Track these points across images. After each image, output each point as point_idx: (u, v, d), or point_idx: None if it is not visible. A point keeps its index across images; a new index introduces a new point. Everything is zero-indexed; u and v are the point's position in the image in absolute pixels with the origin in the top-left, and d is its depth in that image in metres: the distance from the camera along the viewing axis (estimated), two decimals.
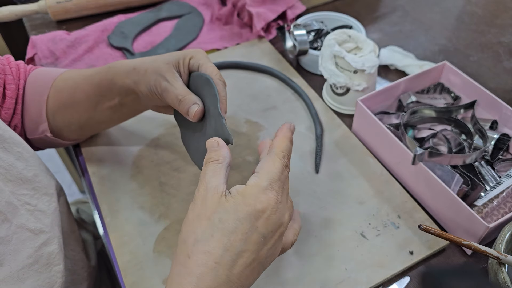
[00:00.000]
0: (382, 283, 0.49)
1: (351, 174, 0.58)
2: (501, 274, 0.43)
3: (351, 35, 0.66)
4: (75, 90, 0.54)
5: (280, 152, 0.39)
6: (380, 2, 0.89)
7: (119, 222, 0.54)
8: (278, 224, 0.36)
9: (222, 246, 0.34)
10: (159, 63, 0.47)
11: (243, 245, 0.34)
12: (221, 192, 0.36)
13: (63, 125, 0.56)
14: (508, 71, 0.75)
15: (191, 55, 0.48)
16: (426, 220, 0.53)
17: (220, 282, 0.33)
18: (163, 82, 0.46)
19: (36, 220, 0.44)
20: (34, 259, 0.43)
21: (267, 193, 0.35)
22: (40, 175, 0.48)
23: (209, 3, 0.87)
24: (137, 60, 0.50)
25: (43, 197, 0.47)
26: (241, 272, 0.34)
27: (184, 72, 0.48)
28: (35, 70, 0.58)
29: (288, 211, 0.38)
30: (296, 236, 0.43)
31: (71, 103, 0.54)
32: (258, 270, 0.37)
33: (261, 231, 0.35)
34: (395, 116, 0.63)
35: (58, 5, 0.81)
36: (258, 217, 0.35)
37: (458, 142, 0.59)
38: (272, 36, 0.80)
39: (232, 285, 0.34)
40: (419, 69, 0.71)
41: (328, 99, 0.68)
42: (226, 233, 0.34)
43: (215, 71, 0.46)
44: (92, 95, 0.53)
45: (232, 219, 0.34)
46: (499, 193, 0.52)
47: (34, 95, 0.55)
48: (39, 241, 0.44)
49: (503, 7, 0.88)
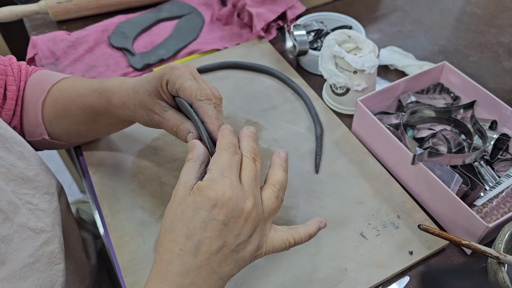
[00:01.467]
0: (381, 283, 0.49)
1: (351, 174, 0.58)
2: (500, 273, 0.43)
3: (351, 35, 0.66)
4: (70, 104, 0.53)
5: (223, 145, 0.40)
6: (380, 2, 0.90)
7: (120, 222, 0.54)
8: (238, 210, 0.37)
9: (184, 234, 0.37)
10: (142, 96, 0.46)
11: (202, 233, 0.36)
12: (189, 187, 0.38)
13: (61, 132, 0.56)
14: (507, 71, 0.75)
15: (166, 79, 0.45)
16: (425, 220, 0.53)
17: (187, 267, 0.36)
18: (154, 116, 0.47)
19: (37, 219, 0.45)
20: (35, 258, 0.43)
21: (219, 182, 0.37)
22: (41, 174, 0.48)
23: (209, 3, 0.87)
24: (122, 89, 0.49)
25: (44, 196, 0.47)
26: (208, 258, 0.36)
27: (169, 98, 0.46)
28: (36, 72, 0.58)
29: (252, 197, 0.38)
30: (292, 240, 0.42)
31: (67, 115, 0.54)
32: (234, 258, 0.38)
33: (219, 218, 0.36)
34: (394, 116, 0.63)
35: (58, 5, 0.81)
36: (214, 205, 0.36)
37: (457, 142, 0.59)
38: (272, 36, 0.80)
39: (202, 270, 0.36)
40: (418, 69, 0.71)
41: (328, 99, 0.68)
42: (186, 222, 0.37)
43: (194, 92, 0.43)
44: (88, 113, 0.53)
45: (191, 209, 0.37)
46: (498, 193, 0.52)
47: (32, 98, 0.55)
48: (40, 240, 0.44)
49: (503, 7, 0.88)
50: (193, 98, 0.44)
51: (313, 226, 0.44)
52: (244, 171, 0.40)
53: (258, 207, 0.39)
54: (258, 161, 0.41)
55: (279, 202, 0.41)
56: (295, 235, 0.42)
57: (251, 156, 0.41)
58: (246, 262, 0.39)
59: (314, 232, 0.43)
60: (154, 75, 0.46)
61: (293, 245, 0.42)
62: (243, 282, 0.48)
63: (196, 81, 0.45)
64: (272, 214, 0.41)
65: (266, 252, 0.41)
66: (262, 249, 0.40)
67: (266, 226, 0.41)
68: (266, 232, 0.41)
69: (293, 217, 0.54)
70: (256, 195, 0.39)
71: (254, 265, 0.50)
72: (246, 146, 0.41)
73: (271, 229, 0.41)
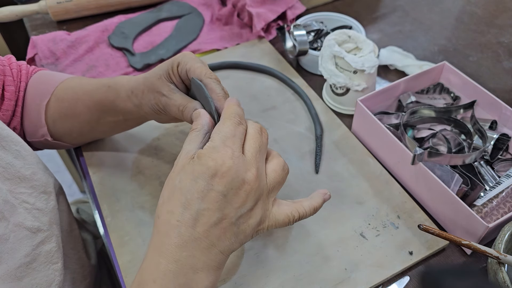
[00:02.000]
0: (381, 283, 0.49)
1: (351, 174, 0.58)
2: (500, 274, 0.43)
3: (351, 35, 0.66)
4: (76, 102, 0.53)
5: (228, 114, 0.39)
6: (380, 2, 0.90)
7: (120, 222, 0.54)
8: (238, 181, 0.36)
9: (181, 204, 0.35)
10: (152, 80, 0.47)
11: (200, 203, 0.35)
12: (191, 156, 0.37)
13: (63, 132, 0.56)
14: (507, 71, 0.75)
15: (178, 61, 0.46)
16: (425, 220, 0.53)
17: (185, 239, 0.35)
18: (162, 98, 0.46)
19: (34, 219, 0.44)
20: (32, 258, 0.43)
21: (220, 150, 0.36)
22: (38, 173, 0.48)
23: (209, 3, 0.87)
24: (132, 80, 0.50)
25: (41, 195, 0.47)
26: (207, 231, 0.35)
27: (178, 81, 0.47)
28: (38, 73, 0.58)
29: (255, 168, 0.37)
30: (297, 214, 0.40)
31: (72, 114, 0.54)
32: (234, 232, 0.37)
33: (218, 188, 0.35)
34: (394, 116, 0.63)
35: (58, 5, 0.81)
36: (213, 175, 0.35)
37: (457, 142, 0.59)
38: (272, 36, 0.80)
39: (201, 243, 0.35)
40: (418, 69, 0.71)
41: (328, 99, 0.68)
42: (183, 192, 0.36)
43: (204, 71, 0.45)
44: (94, 111, 0.53)
45: (189, 179, 0.36)
46: (498, 193, 0.52)
47: (35, 99, 0.55)
48: (37, 239, 0.44)
49: (503, 7, 0.88)
50: (202, 76, 0.44)
51: (317, 199, 0.43)
52: (248, 141, 0.38)
53: (261, 179, 0.38)
54: (265, 133, 0.40)
55: (285, 174, 0.40)
56: (299, 209, 0.41)
57: (258, 128, 0.40)
58: (248, 236, 0.38)
59: (319, 205, 0.42)
60: (166, 61, 0.47)
61: (297, 219, 0.41)
62: (243, 282, 0.48)
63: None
64: (276, 187, 0.39)
65: (268, 227, 0.39)
66: (264, 223, 0.39)
67: (269, 200, 0.39)
68: (268, 206, 0.39)
69: None
70: (260, 168, 0.38)
71: (254, 265, 0.50)
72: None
73: (275, 203, 0.40)
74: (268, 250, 0.51)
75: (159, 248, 0.36)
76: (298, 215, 0.41)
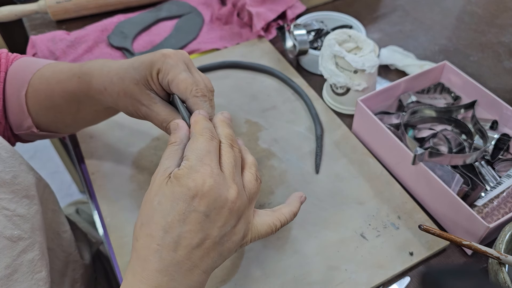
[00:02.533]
0: (382, 284, 0.49)
1: (351, 174, 0.58)
2: (501, 274, 0.43)
3: (351, 35, 0.66)
4: (52, 93, 0.49)
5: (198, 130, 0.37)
6: (380, 2, 0.89)
7: (119, 223, 0.54)
8: (221, 200, 0.35)
9: (161, 228, 0.34)
10: (128, 84, 0.42)
11: (182, 226, 0.34)
12: (168, 175, 0.35)
13: (48, 123, 0.53)
14: (508, 71, 0.75)
15: (158, 68, 0.41)
16: (426, 220, 0.53)
17: (167, 264, 0.34)
18: (141, 107, 0.43)
19: (14, 227, 0.41)
20: (13, 269, 0.40)
21: (199, 170, 0.34)
22: (20, 176, 0.44)
23: (209, 3, 0.87)
24: (104, 72, 0.44)
25: (23, 200, 0.43)
26: (189, 253, 0.34)
27: (158, 89, 0.42)
28: (16, 61, 0.53)
29: (235, 184, 0.36)
30: (278, 222, 0.40)
31: (51, 105, 0.50)
32: (218, 251, 0.36)
33: (200, 209, 0.34)
34: (395, 116, 0.63)
35: (57, 5, 0.81)
36: (194, 196, 0.34)
37: (458, 142, 0.59)
38: (272, 36, 0.80)
39: (183, 265, 0.34)
40: (419, 69, 0.71)
41: (328, 99, 0.68)
42: (163, 215, 0.34)
43: (189, 87, 0.40)
44: (70, 101, 0.49)
45: (169, 201, 0.34)
46: (499, 193, 0.52)
47: (14, 90, 0.51)
48: (18, 248, 0.41)
49: (503, 7, 0.88)
50: (188, 93, 0.40)
51: (295, 203, 0.42)
52: (223, 157, 0.37)
53: (242, 195, 0.37)
54: (236, 147, 0.38)
55: (258, 184, 0.39)
56: (280, 218, 0.40)
57: (228, 142, 0.38)
58: (232, 252, 0.37)
59: (297, 209, 0.42)
60: (143, 61, 0.42)
61: (279, 228, 0.40)
62: (243, 283, 0.48)
63: (189, 70, 0.42)
64: (254, 198, 0.39)
65: (251, 240, 0.39)
66: (247, 237, 0.38)
67: (249, 213, 0.38)
68: (250, 219, 0.38)
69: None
70: (238, 183, 0.37)
71: (254, 265, 0.49)
72: (222, 132, 0.38)
73: (255, 214, 0.39)
74: (268, 250, 0.51)
75: (140, 274, 0.34)
76: (280, 223, 0.40)
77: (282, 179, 0.58)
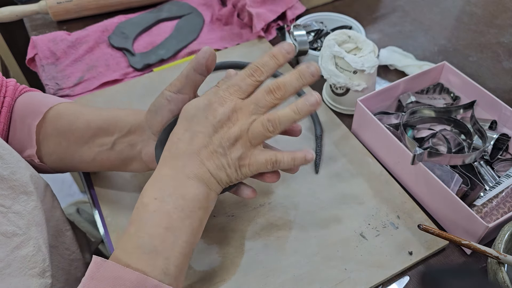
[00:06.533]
0: (381, 283, 0.49)
1: (351, 174, 0.58)
2: (500, 273, 0.43)
3: (350, 35, 0.66)
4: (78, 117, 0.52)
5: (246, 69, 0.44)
6: (380, 2, 0.90)
7: (120, 222, 0.54)
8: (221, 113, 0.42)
9: (183, 127, 0.44)
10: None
11: (197, 127, 0.43)
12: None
13: (45, 152, 0.53)
14: (507, 71, 0.75)
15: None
16: (425, 220, 0.53)
17: (181, 152, 0.43)
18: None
19: (9, 223, 0.42)
20: (6, 263, 0.41)
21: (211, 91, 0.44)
22: (18, 172, 0.45)
23: (209, 3, 0.87)
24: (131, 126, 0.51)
25: (20, 196, 0.44)
26: (199, 150, 0.42)
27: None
28: (31, 92, 0.55)
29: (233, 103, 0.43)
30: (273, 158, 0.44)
31: (67, 129, 0.52)
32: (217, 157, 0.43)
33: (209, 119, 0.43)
34: (394, 116, 0.63)
35: (58, 5, 0.81)
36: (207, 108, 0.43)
37: (457, 142, 0.59)
38: (272, 36, 0.80)
39: (196, 158, 0.42)
40: (418, 69, 0.71)
41: (328, 99, 0.68)
42: (187, 118, 0.44)
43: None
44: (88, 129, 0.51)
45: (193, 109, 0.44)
46: (498, 193, 0.52)
47: (25, 118, 0.52)
48: (12, 244, 0.42)
49: (503, 7, 0.88)
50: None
51: (299, 152, 0.44)
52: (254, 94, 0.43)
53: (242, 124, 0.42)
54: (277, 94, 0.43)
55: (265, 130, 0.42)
56: (277, 154, 0.44)
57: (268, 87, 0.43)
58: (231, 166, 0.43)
59: (299, 157, 0.44)
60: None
61: (274, 162, 0.43)
62: (243, 282, 0.48)
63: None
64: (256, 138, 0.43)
65: (250, 164, 0.43)
66: (245, 160, 0.43)
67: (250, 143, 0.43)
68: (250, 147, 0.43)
69: (293, 217, 0.54)
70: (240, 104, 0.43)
71: (254, 265, 0.50)
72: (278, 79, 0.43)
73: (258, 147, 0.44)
74: (268, 250, 0.51)
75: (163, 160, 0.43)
76: (275, 158, 0.44)
77: (282, 179, 0.58)
